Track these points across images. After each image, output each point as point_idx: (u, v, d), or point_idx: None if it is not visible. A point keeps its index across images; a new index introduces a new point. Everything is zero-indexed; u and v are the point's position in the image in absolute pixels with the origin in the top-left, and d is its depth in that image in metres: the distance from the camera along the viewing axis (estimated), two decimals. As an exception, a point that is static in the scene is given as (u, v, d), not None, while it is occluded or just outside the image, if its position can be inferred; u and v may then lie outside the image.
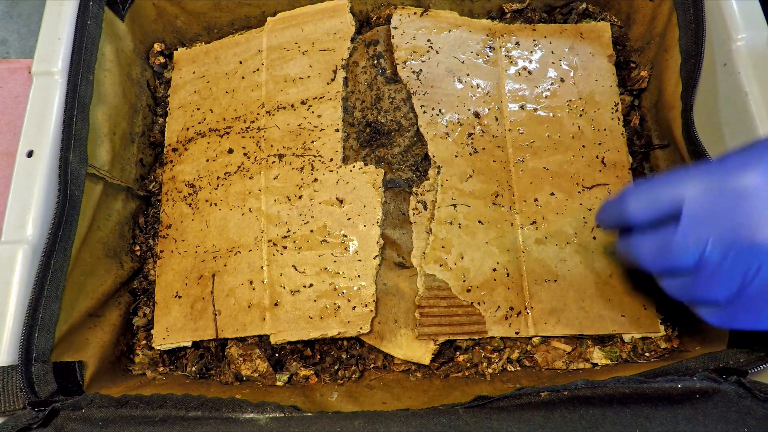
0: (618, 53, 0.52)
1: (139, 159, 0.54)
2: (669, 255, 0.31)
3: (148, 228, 0.53)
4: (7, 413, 0.38)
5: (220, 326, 0.46)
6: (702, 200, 0.29)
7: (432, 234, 0.45)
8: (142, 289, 0.51)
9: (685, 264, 0.30)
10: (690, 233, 0.30)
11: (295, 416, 0.35)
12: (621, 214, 0.34)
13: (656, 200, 0.31)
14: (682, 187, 0.30)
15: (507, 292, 0.44)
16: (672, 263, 0.31)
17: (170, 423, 0.35)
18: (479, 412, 0.34)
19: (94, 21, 0.48)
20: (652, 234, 0.32)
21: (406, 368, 0.45)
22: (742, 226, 0.28)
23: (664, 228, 0.31)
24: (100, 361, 0.45)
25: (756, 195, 0.28)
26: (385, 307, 0.45)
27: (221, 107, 0.52)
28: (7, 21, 0.67)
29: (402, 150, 0.48)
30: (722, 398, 0.33)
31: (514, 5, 0.54)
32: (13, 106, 0.56)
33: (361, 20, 0.55)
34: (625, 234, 0.36)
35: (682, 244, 0.30)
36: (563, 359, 0.44)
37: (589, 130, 0.48)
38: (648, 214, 0.32)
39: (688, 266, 0.30)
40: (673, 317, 0.44)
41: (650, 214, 0.32)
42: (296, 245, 0.46)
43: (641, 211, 0.32)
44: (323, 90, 0.50)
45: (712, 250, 0.29)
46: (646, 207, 0.32)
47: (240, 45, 0.54)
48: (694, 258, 0.30)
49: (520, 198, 0.47)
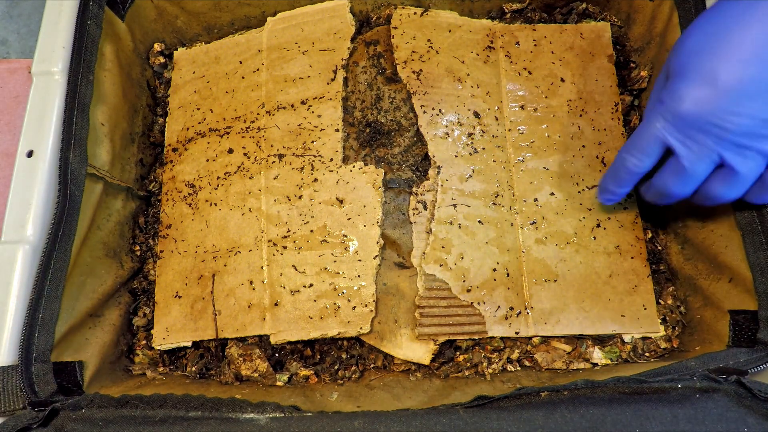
0: (618, 53, 0.52)
1: (139, 159, 0.54)
2: (690, 176, 0.36)
3: (148, 228, 0.53)
4: (7, 413, 0.38)
5: (220, 326, 0.46)
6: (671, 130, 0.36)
7: (432, 234, 0.45)
8: (142, 289, 0.51)
9: (706, 173, 0.36)
10: (689, 153, 0.36)
11: (295, 416, 0.35)
12: (625, 175, 0.40)
13: (644, 149, 0.38)
14: (654, 127, 0.37)
15: (507, 292, 0.44)
16: (695, 180, 0.37)
17: (170, 423, 0.35)
18: (479, 412, 0.34)
19: (94, 21, 0.48)
20: (665, 171, 0.38)
21: (406, 368, 0.45)
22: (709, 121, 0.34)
23: (669, 161, 0.38)
24: (100, 361, 0.45)
25: (697, 113, 0.34)
26: (385, 307, 0.45)
27: (221, 107, 0.52)
28: (7, 21, 0.67)
29: (402, 150, 0.48)
30: (722, 398, 0.33)
31: (514, 5, 0.54)
32: (13, 106, 0.56)
33: (361, 20, 0.55)
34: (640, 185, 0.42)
35: (691, 163, 0.36)
36: (563, 359, 0.44)
37: (589, 130, 0.48)
38: (645, 162, 0.39)
39: (707, 173, 0.36)
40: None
41: (648, 162, 0.38)
42: (296, 245, 0.46)
43: (638, 162, 0.39)
44: (323, 90, 0.50)
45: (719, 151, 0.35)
46: (643, 156, 0.38)
47: (240, 45, 0.54)
48: (708, 166, 0.36)
49: (520, 198, 0.47)
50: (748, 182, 0.36)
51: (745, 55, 0.33)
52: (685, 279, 0.45)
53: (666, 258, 0.47)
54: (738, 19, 0.34)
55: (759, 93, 0.33)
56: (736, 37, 0.33)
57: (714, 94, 0.33)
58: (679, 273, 0.46)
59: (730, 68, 0.33)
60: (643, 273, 0.45)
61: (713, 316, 0.42)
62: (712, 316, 0.42)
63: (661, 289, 0.46)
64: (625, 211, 0.46)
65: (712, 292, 0.42)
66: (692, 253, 0.45)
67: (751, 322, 0.38)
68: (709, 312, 0.42)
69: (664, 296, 0.46)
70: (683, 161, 0.36)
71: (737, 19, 0.33)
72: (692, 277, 0.44)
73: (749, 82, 0.33)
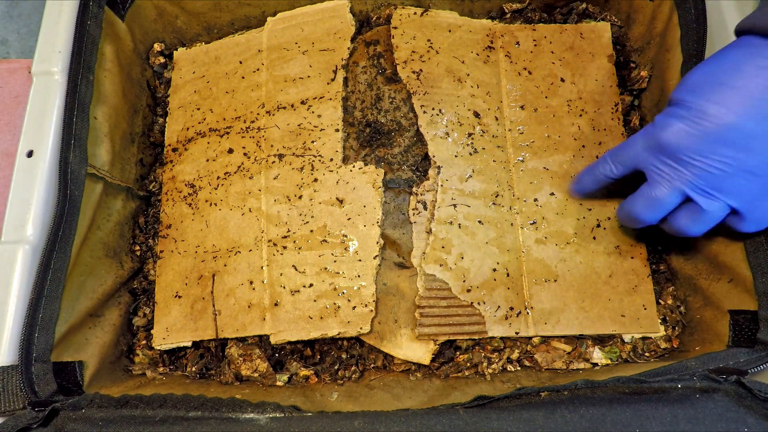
0: (618, 53, 0.52)
1: (139, 159, 0.54)
2: (656, 204, 0.38)
3: (148, 228, 0.53)
4: (7, 413, 0.38)
5: (220, 326, 0.46)
6: (647, 155, 0.38)
7: (432, 234, 0.45)
8: (142, 289, 0.52)
9: (673, 204, 0.37)
10: (660, 180, 0.37)
11: (295, 416, 0.35)
12: (599, 175, 0.42)
13: (622, 161, 0.40)
14: (636, 146, 0.39)
15: (507, 292, 0.44)
16: (661, 209, 0.38)
17: (170, 423, 0.35)
18: (479, 412, 0.34)
19: (94, 21, 0.48)
20: (635, 195, 0.39)
21: (406, 368, 0.45)
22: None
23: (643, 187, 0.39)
24: (100, 361, 0.45)
25: (676, 145, 0.36)
26: (385, 307, 0.45)
27: (221, 107, 0.52)
28: (7, 21, 0.67)
29: (402, 150, 0.48)
30: (722, 398, 0.33)
31: (514, 5, 0.54)
32: (13, 106, 0.56)
33: (361, 20, 0.55)
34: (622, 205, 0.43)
35: (659, 192, 0.37)
36: (563, 359, 0.44)
37: (589, 130, 0.48)
38: (619, 171, 0.40)
39: (674, 204, 0.37)
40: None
41: (621, 171, 0.40)
42: (296, 245, 0.46)
43: (614, 169, 0.41)
44: (323, 90, 0.50)
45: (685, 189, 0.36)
46: (619, 166, 0.40)
47: (240, 45, 0.54)
48: (675, 198, 0.37)
49: (520, 198, 0.47)
50: (713, 221, 0.36)
51: (735, 103, 0.33)
52: (685, 279, 0.45)
53: (666, 258, 0.47)
54: (738, 65, 0.34)
55: (736, 143, 0.33)
56: (732, 83, 0.34)
57: (695, 131, 0.34)
58: (679, 273, 0.46)
59: (717, 112, 0.33)
60: (643, 273, 0.45)
61: (713, 316, 0.42)
62: (712, 316, 0.42)
63: (661, 289, 0.46)
64: (625, 211, 0.47)
65: (712, 292, 0.42)
66: (692, 253, 0.45)
67: (751, 322, 0.38)
68: (709, 312, 0.42)
69: (664, 296, 0.46)
70: (652, 187, 0.37)
71: (738, 66, 0.34)
72: (692, 277, 0.44)
73: (731, 129, 0.33)
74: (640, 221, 0.39)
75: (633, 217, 0.40)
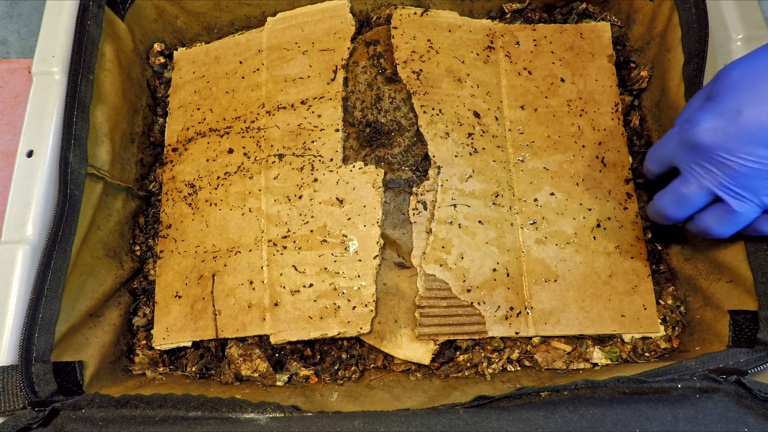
0: (618, 53, 0.52)
1: (139, 159, 0.54)
2: (683, 200, 0.37)
3: (148, 228, 0.53)
4: (7, 413, 0.38)
5: (220, 326, 0.46)
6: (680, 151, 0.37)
7: (432, 234, 0.45)
8: (142, 289, 0.52)
9: (700, 203, 0.37)
10: (690, 177, 0.37)
11: (295, 416, 0.35)
12: (647, 174, 0.42)
13: (658, 158, 0.39)
14: (669, 143, 0.38)
15: (507, 292, 0.44)
16: (687, 207, 0.38)
17: (170, 423, 0.35)
18: (479, 412, 0.34)
19: (94, 21, 0.48)
20: (665, 191, 0.39)
21: (406, 368, 0.45)
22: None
23: (674, 181, 0.38)
24: (100, 361, 0.45)
25: (709, 143, 0.34)
26: (385, 307, 0.45)
27: (221, 107, 0.52)
28: (7, 21, 0.67)
29: (402, 150, 0.48)
30: (722, 398, 0.33)
31: (514, 5, 0.54)
32: (13, 106, 0.56)
33: (361, 20, 0.55)
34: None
35: (687, 189, 0.37)
36: (563, 359, 0.44)
37: (589, 130, 0.48)
38: (657, 168, 0.40)
39: (702, 203, 0.37)
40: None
41: (658, 168, 0.40)
42: (296, 245, 0.46)
43: (652, 166, 0.41)
44: (323, 90, 0.50)
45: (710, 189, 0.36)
46: (655, 163, 0.40)
47: (240, 45, 0.54)
48: (703, 197, 0.36)
49: (520, 198, 0.47)
50: (742, 222, 0.36)
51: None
52: (685, 279, 0.45)
53: (666, 258, 0.47)
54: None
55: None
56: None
57: (730, 129, 0.33)
58: (679, 273, 0.46)
59: (755, 110, 0.32)
60: (643, 273, 0.45)
61: (713, 317, 0.42)
62: (712, 316, 0.42)
63: (661, 289, 0.46)
64: (625, 212, 0.46)
65: (712, 292, 0.42)
66: (692, 253, 0.45)
67: (751, 322, 0.38)
68: (709, 312, 0.42)
69: (664, 296, 0.46)
70: (681, 184, 0.37)
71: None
72: (692, 277, 0.44)
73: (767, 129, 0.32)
74: (667, 217, 0.39)
75: (660, 212, 0.39)
